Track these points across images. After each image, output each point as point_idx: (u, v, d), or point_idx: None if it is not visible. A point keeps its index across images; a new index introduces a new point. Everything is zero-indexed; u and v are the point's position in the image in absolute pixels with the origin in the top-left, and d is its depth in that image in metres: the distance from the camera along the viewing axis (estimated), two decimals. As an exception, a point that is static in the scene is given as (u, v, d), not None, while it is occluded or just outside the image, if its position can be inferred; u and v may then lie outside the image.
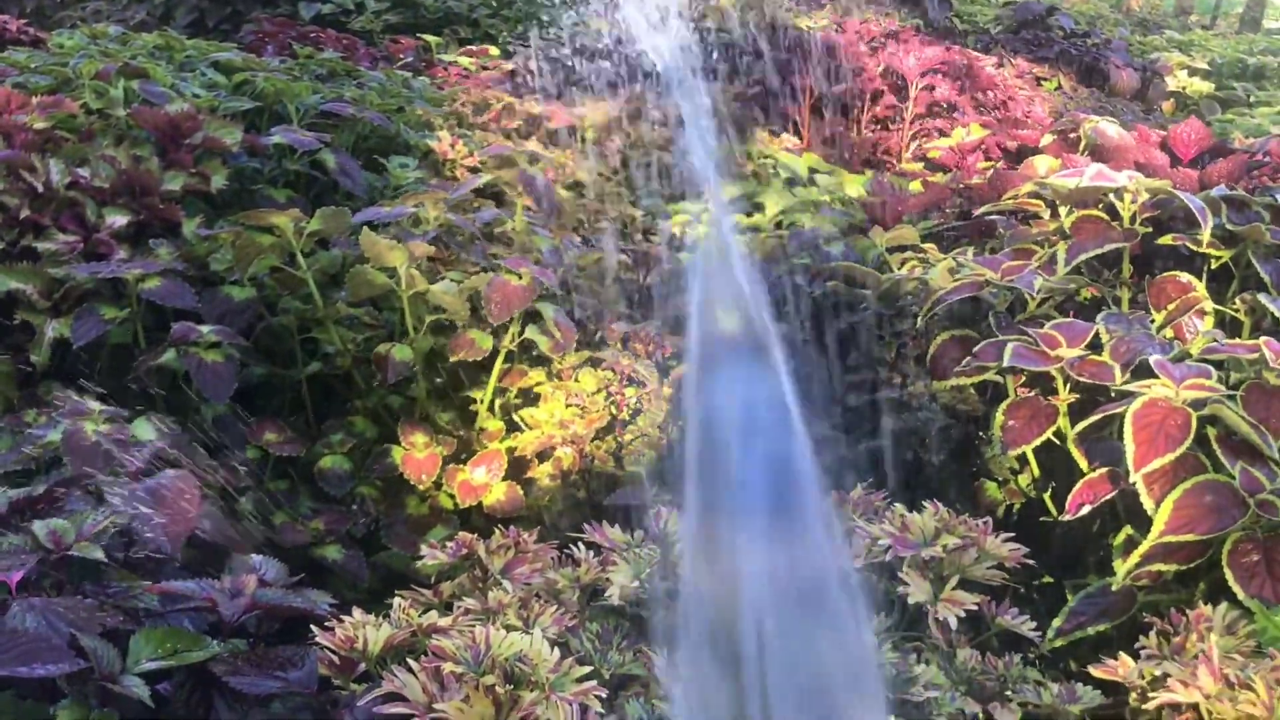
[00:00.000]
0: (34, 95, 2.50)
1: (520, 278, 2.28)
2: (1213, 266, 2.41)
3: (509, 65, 4.07)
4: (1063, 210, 2.49)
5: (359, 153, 2.91)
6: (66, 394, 2.11)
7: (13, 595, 1.38)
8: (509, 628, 1.39)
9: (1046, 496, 2.20)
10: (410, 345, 2.32)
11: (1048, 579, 2.16)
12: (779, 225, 3.06)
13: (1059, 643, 1.86)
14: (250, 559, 1.60)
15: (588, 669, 1.33)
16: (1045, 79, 4.64)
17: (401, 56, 4.08)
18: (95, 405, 1.86)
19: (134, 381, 2.21)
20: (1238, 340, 2.11)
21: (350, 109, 2.90)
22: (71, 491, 1.64)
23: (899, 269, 2.59)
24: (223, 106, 2.80)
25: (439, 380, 2.44)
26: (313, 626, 1.38)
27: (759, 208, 3.17)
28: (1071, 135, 3.25)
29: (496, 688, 1.24)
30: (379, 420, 2.38)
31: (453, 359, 2.33)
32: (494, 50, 4.29)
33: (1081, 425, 1.97)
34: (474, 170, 2.92)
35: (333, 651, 1.37)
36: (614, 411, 2.36)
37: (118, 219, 2.26)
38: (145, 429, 1.91)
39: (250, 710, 1.35)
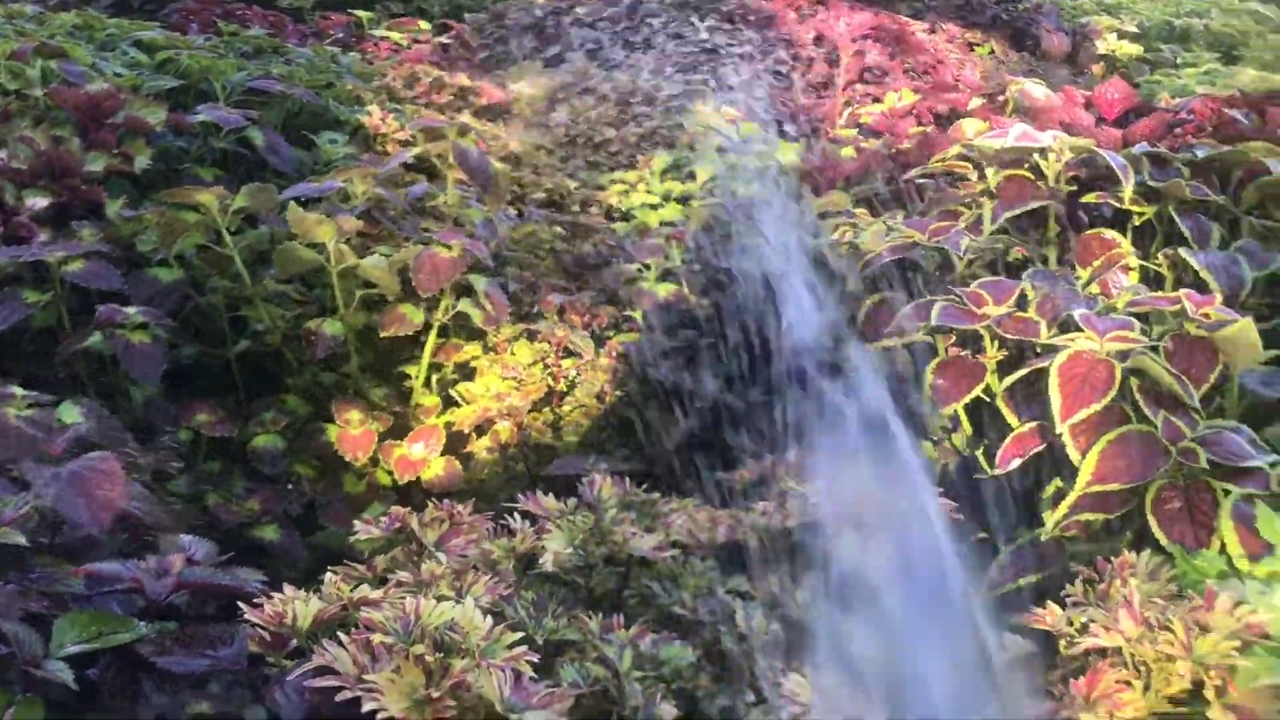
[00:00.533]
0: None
1: (450, 250, 2.27)
2: (1137, 223, 2.45)
3: (441, 39, 4.03)
4: (989, 171, 2.52)
5: (288, 130, 2.88)
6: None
7: (-69, 582, 1.36)
8: (441, 598, 1.39)
9: (979, 454, 2.23)
10: (341, 321, 2.30)
11: (983, 535, 2.19)
12: (712, 193, 3.07)
13: (990, 596, 1.90)
14: (180, 539, 1.58)
15: (520, 635, 1.33)
16: (977, 44, 4.67)
17: (332, 32, 4.03)
18: (18, 390, 1.83)
19: (61, 366, 2.18)
20: (1160, 293, 2.15)
21: (278, 86, 2.86)
22: (-8, 477, 1.61)
23: (831, 234, 2.60)
24: (146, 85, 2.75)
25: (372, 356, 2.43)
26: (240, 604, 1.37)
27: (692, 176, 3.17)
28: (999, 98, 3.28)
29: (426, 656, 1.24)
30: (312, 398, 2.36)
31: (384, 334, 2.31)
32: (424, 24, 4.25)
33: (1008, 380, 2.00)
34: (405, 144, 2.89)
35: (262, 628, 1.36)
36: (551, 383, 2.36)
37: (38, 201, 2.22)
38: (72, 413, 1.88)
39: (180, 690, 1.35)
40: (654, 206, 3.04)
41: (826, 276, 2.38)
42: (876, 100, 3.65)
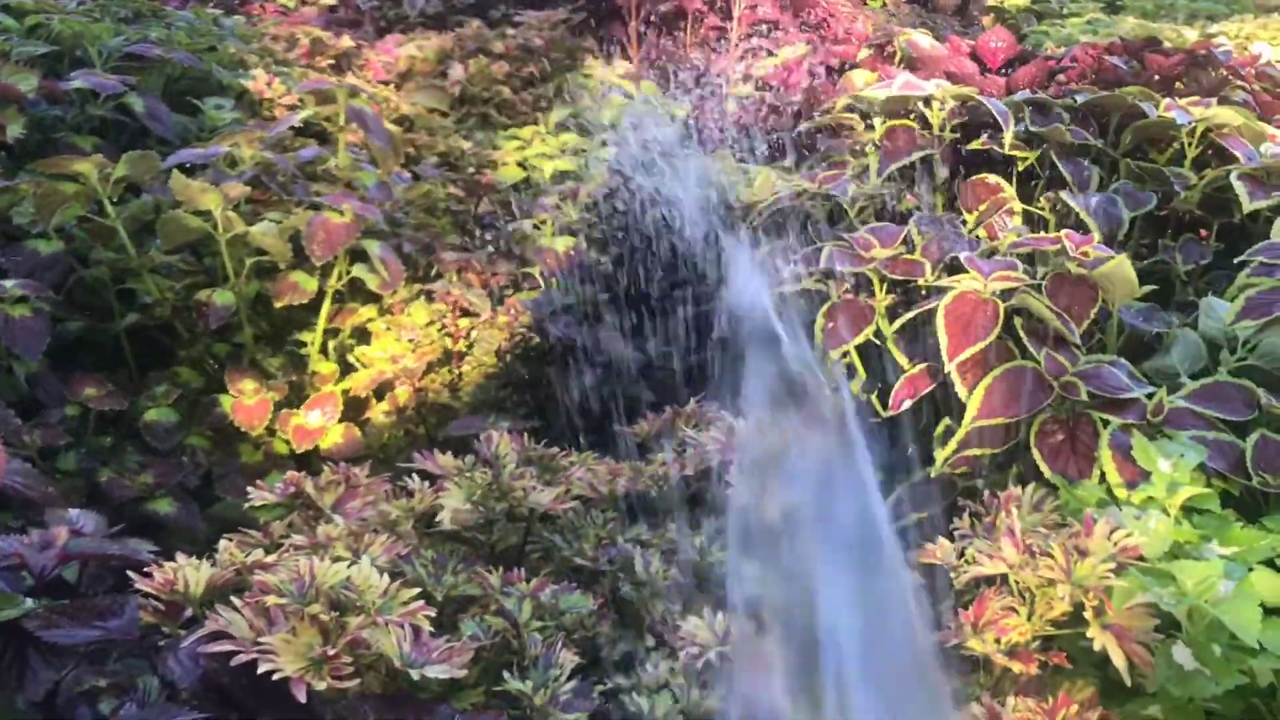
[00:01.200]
0: None
1: (343, 214, 2.24)
2: (1020, 168, 2.51)
3: (330, 1, 3.94)
4: (876, 121, 2.55)
5: (170, 95, 2.79)
6: None
7: None
8: (338, 559, 1.38)
9: (873, 397, 2.28)
10: (232, 290, 2.26)
11: (880, 477, 2.24)
12: (611, 144, 3.06)
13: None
14: (67, 513, 1.55)
15: (417, 591, 1.33)
16: (869, -3, 4.71)
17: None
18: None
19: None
20: (1042, 234, 2.21)
21: (157, 50, 2.77)
22: None
23: (723, 186, 2.62)
24: (15, 52, 2.64)
25: (266, 325, 2.39)
26: (130, 573, 1.35)
27: (588, 132, 3.16)
28: (887, 49, 3.32)
29: (322, 616, 1.24)
30: (205, 370, 2.32)
31: (278, 304, 2.28)
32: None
33: (898, 323, 2.05)
34: (293, 109, 2.83)
35: (154, 597, 1.34)
36: (448, 344, 2.35)
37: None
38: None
39: (67, 664, 1.32)
40: (550, 157, 3.02)
41: (723, 227, 2.40)
42: (770, 54, 3.67)
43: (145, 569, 1.38)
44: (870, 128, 2.62)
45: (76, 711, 1.27)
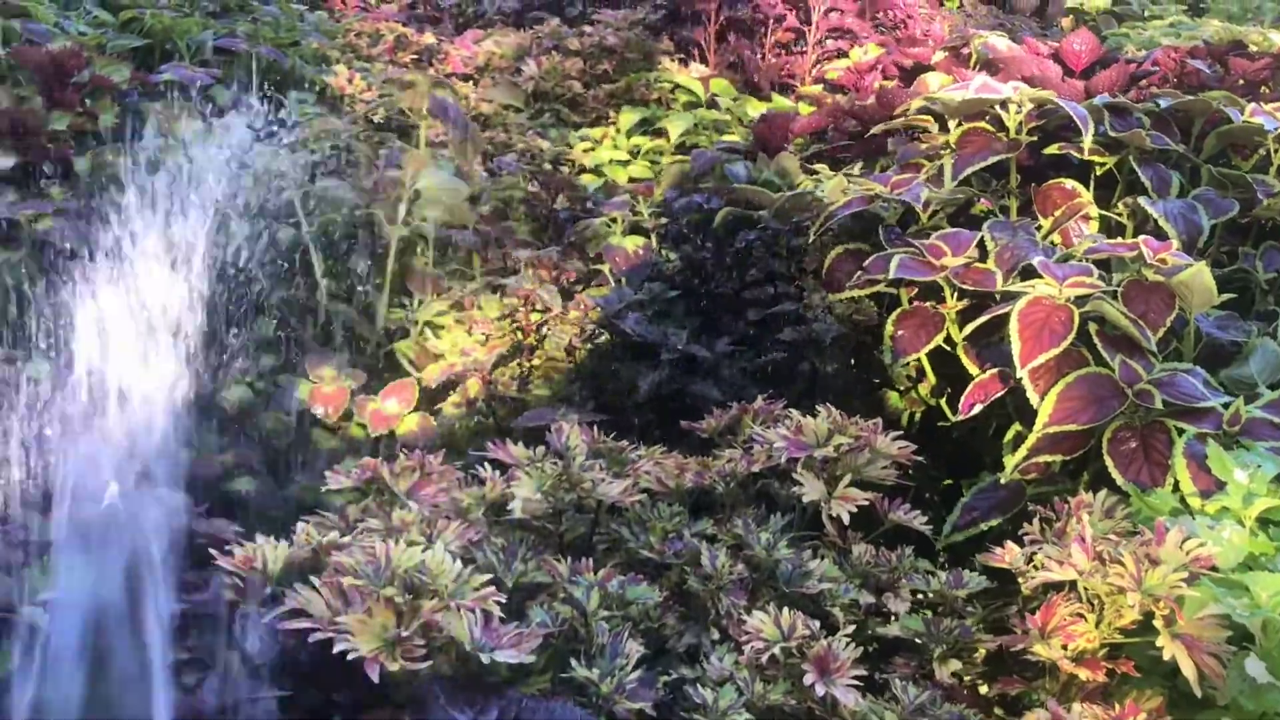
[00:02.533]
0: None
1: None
2: (1098, 173, 2.48)
3: (407, -1, 4.01)
4: (951, 124, 2.54)
5: (256, 88, 2.87)
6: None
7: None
8: (412, 544, 1.42)
9: (943, 402, 2.27)
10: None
11: (948, 481, 2.24)
12: (681, 148, 3.08)
13: (956, 538, 1.94)
14: (156, 490, 1.60)
15: (488, 577, 1.36)
16: (946, -1, 4.69)
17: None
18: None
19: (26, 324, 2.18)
20: (1119, 240, 2.19)
21: (243, 44, 2.85)
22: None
23: (796, 189, 2.62)
24: (111, 45, 2.74)
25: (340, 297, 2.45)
26: (212, 551, 1.40)
27: (661, 132, 3.18)
28: (963, 51, 3.30)
29: (396, 598, 1.27)
30: (283, 351, 2.38)
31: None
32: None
33: (969, 329, 2.04)
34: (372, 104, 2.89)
35: (234, 574, 1.39)
36: (519, 337, 2.38)
37: (3, 160, 2.22)
38: (40, 369, 1.90)
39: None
40: (623, 163, 3.05)
41: (789, 229, 2.41)
42: (845, 56, 3.66)
43: (227, 546, 1.43)
44: (944, 130, 2.61)
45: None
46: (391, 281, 2.39)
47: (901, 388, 2.37)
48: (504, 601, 1.34)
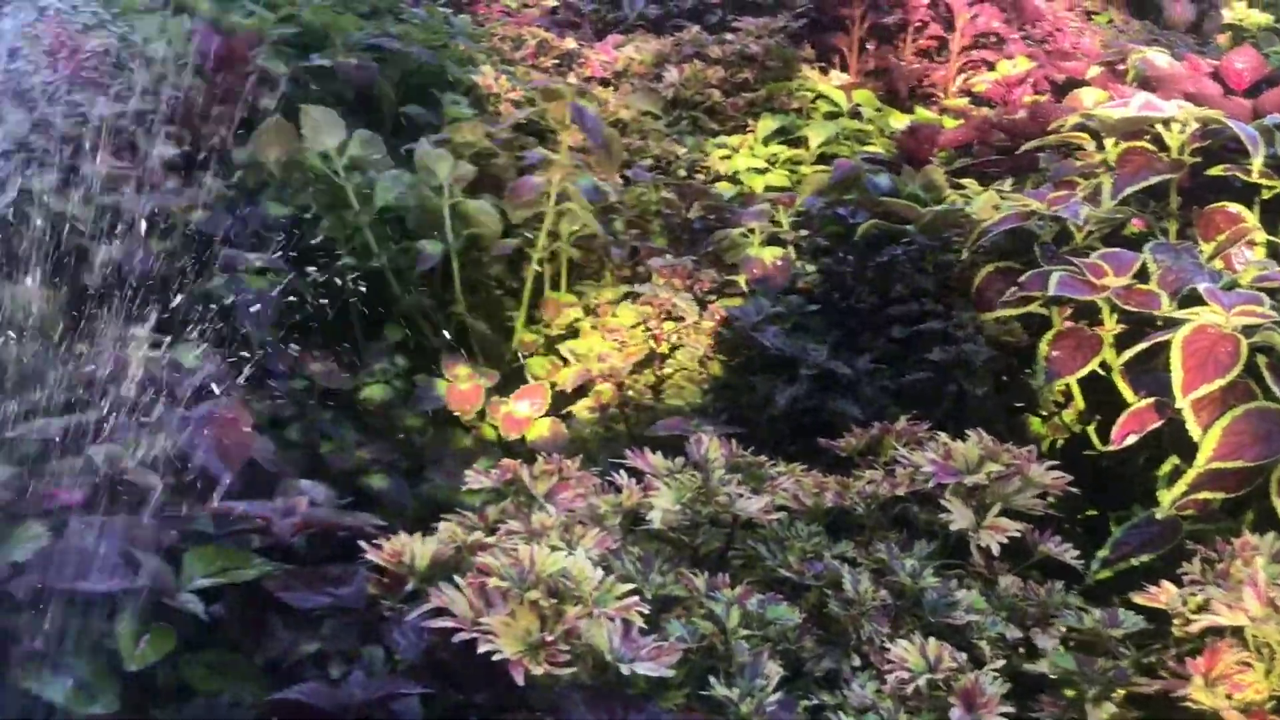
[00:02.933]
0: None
1: (541, 174, 2.32)
2: (1265, 197, 2.36)
3: (551, 2, 4.04)
4: (1108, 142, 2.45)
5: (404, 88, 2.92)
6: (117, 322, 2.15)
7: (73, 514, 1.42)
8: (554, 548, 1.41)
9: (1091, 429, 2.19)
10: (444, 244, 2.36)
11: (1092, 512, 2.15)
12: (820, 159, 3.04)
13: (1104, 574, 1.86)
14: (299, 483, 1.64)
15: (631, 586, 1.35)
16: (1096, 12, 4.53)
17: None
18: (139, 332, 1.89)
19: (182, 310, 2.24)
20: (1290, 269, 2.08)
21: (396, 43, 2.90)
22: (126, 418, 1.67)
23: (941, 203, 2.56)
24: (268, 34, 2.80)
25: (479, 311, 2.48)
26: (361, 544, 1.41)
27: (800, 141, 3.14)
28: (1119, 67, 3.18)
29: (541, 602, 1.26)
30: (418, 349, 2.41)
31: (488, 265, 2.36)
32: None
33: (1128, 354, 1.95)
34: (518, 105, 2.92)
35: (380, 570, 1.40)
36: (652, 346, 2.37)
37: (168, 149, 2.29)
38: (190, 357, 1.94)
39: (302, 628, 1.39)
40: (759, 171, 3.02)
41: (937, 244, 2.35)
42: (990, 67, 3.57)
43: (374, 540, 1.44)
44: (1101, 148, 2.51)
45: (304, 673, 1.34)
46: (530, 295, 2.40)
47: (1045, 412, 2.29)
48: (644, 613, 1.32)
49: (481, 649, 1.22)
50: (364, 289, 2.39)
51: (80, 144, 2.18)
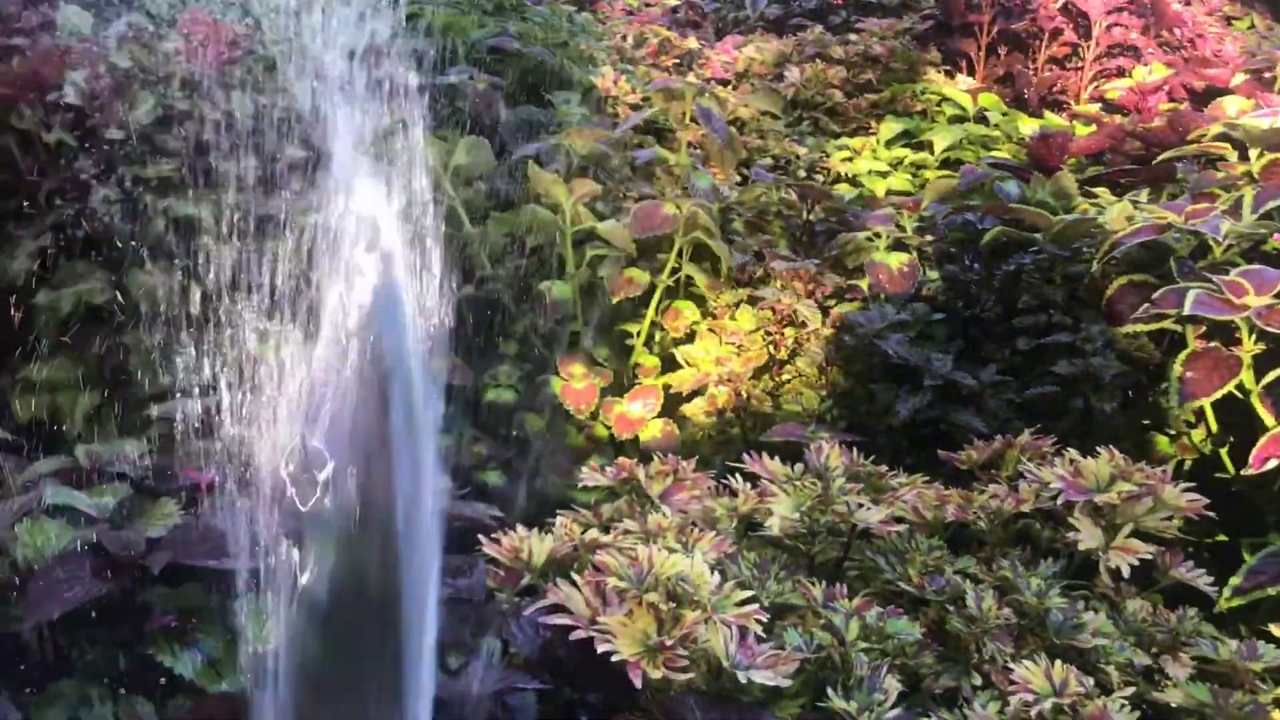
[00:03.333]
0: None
1: (674, 206, 2.29)
2: None
3: (673, 1, 4.04)
4: (1253, 153, 2.35)
5: (524, 88, 2.94)
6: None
7: (206, 495, 1.46)
8: (670, 550, 1.40)
9: (1224, 452, 2.10)
10: (570, 281, 2.35)
11: (1221, 537, 2.06)
12: (944, 163, 2.97)
13: (1236, 602, 1.78)
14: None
15: (748, 593, 1.34)
16: (1237, 18, 4.35)
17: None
18: (271, 326, 1.94)
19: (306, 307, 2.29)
20: None
21: (516, 44, 2.92)
22: (257, 403, 1.71)
23: (1072, 212, 2.48)
24: (393, 43, 2.85)
25: (595, 314, 2.47)
26: (480, 537, 1.42)
27: (923, 145, 3.08)
28: (1266, 75, 3.05)
29: (659, 605, 1.26)
30: (535, 352, 2.42)
31: (614, 299, 2.35)
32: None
33: (1270, 377, 1.87)
34: (636, 107, 2.92)
35: (498, 563, 1.41)
36: (772, 351, 2.34)
37: (296, 151, 2.33)
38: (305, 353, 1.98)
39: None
40: (882, 174, 2.97)
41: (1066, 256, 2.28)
42: (1124, 75, 3.46)
43: (492, 534, 1.45)
44: (1244, 160, 2.41)
45: (422, 661, 1.35)
46: (650, 319, 2.39)
47: (1174, 432, 2.21)
48: (763, 620, 1.30)
49: (600, 648, 1.22)
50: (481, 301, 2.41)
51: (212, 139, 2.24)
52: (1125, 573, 1.56)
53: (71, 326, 2.03)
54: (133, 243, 2.00)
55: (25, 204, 2.06)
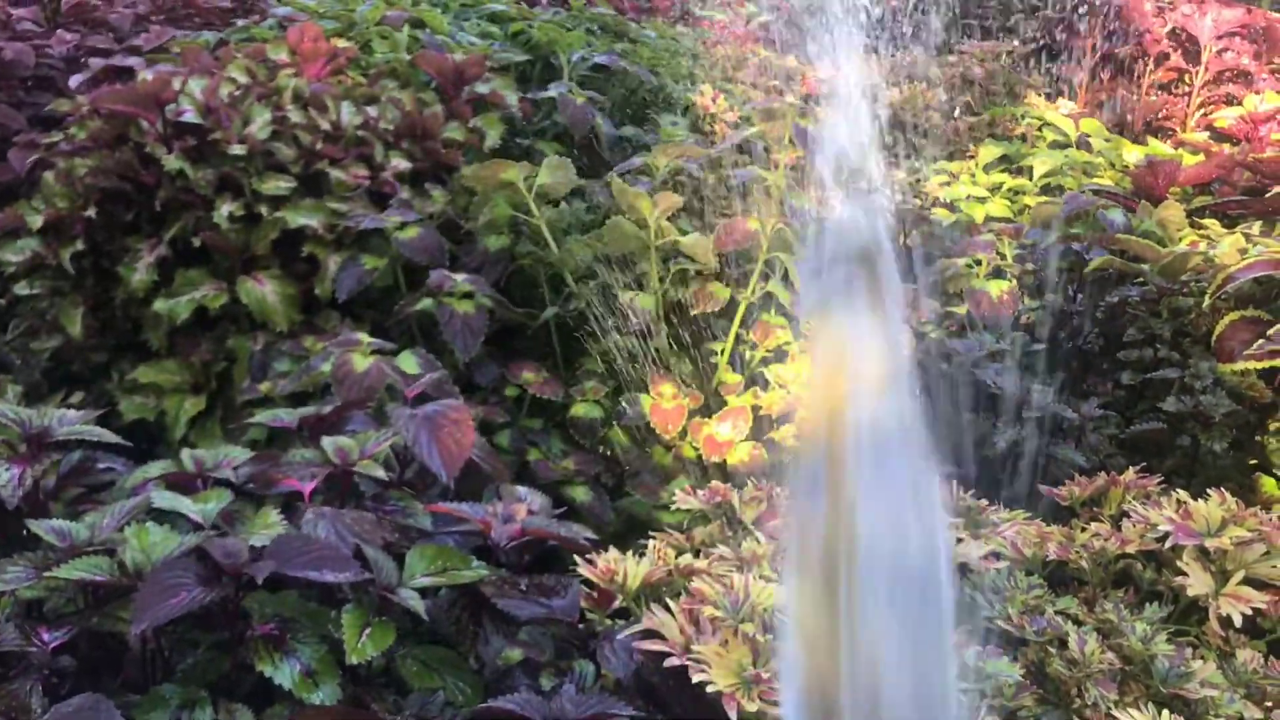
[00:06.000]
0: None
1: (754, 221, 2.27)
2: None
3: (765, 18, 4.02)
4: (1379, 186, 2.26)
5: (627, 105, 2.95)
6: (342, 324, 2.25)
7: (306, 504, 1.48)
8: (764, 579, 1.39)
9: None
10: (654, 295, 2.34)
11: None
12: (1044, 189, 2.91)
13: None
14: (515, 489, 1.66)
15: (846, 628, 1.31)
16: (1353, 45, 4.21)
17: (668, 10, 4.09)
18: (364, 338, 1.96)
19: (396, 323, 2.32)
20: None
21: (621, 63, 2.93)
22: (354, 413, 1.74)
23: (1180, 243, 2.41)
24: (495, 56, 2.88)
25: (681, 330, 2.46)
26: (576, 557, 1.42)
27: (1022, 170, 3.02)
28: (1391, 105, 2.94)
29: (756, 636, 1.24)
30: (622, 368, 2.41)
31: (694, 312, 2.34)
32: (751, 7, 4.25)
33: (1394, 420, 1.79)
34: (734, 126, 2.91)
35: (591, 585, 1.40)
36: (864, 374, 2.31)
37: (400, 162, 2.37)
38: (410, 362, 2.00)
39: (510, 634, 1.40)
40: (980, 200, 2.92)
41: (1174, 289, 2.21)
42: (1234, 102, 3.36)
43: (587, 555, 1.45)
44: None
45: (514, 681, 1.35)
46: (734, 337, 2.37)
47: (1283, 475, 2.13)
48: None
49: (695, 678, 1.21)
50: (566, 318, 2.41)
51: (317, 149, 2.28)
52: (1237, 621, 1.50)
53: (179, 332, 2.07)
54: (244, 252, 2.04)
55: (143, 215, 2.12)
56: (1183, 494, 1.64)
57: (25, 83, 2.78)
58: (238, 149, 2.09)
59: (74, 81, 2.66)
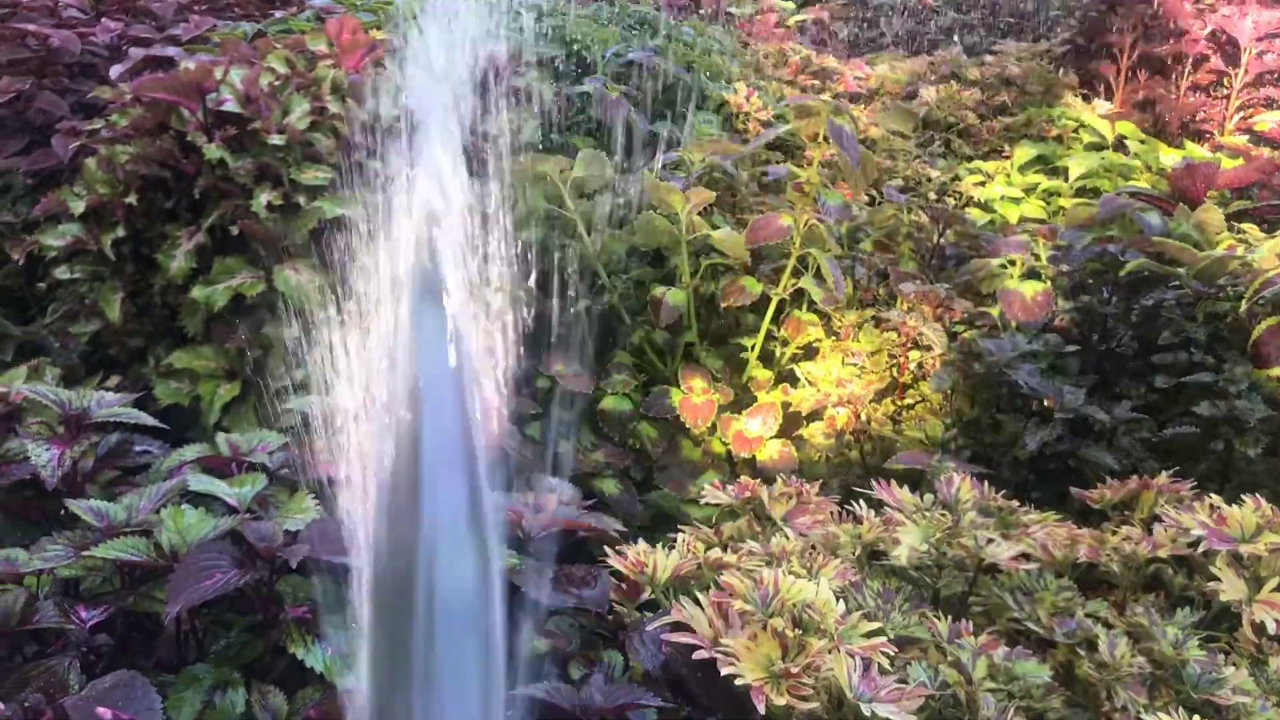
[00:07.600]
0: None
1: (787, 217, 2.27)
2: None
3: (803, 17, 4.02)
4: None
5: (660, 101, 2.95)
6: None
7: (339, 490, 1.49)
8: (794, 575, 1.39)
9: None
10: (685, 290, 2.35)
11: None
12: (1079, 191, 2.89)
13: None
14: (546, 479, 1.67)
15: (875, 625, 1.31)
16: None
17: (703, 9, 4.09)
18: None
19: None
20: None
21: (655, 59, 2.93)
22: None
23: (1217, 247, 2.39)
24: (531, 50, 2.89)
25: (712, 325, 2.47)
26: (607, 549, 1.42)
27: (1058, 171, 3.00)
28: None
29: (786, 631, 1.24)
30: (651, 361, 2.42)
31: (724, 305, 2.34)
32: (788, 4, 4.24)
33: None
34: (767, 124, 2.91)
35: (619, 577, 1.41)
36: (895, 374, 2.31)
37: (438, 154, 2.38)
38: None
39: (538, 622, 1.41)
40: (1015, 200, 2.90)
41: (1210, 293, 2.19)
42: (1274, 106, 3.32)
43: (617, 547, 1.45)
44: None
45: (543, 669, 1.36)
46: (766, 324, 2.37)
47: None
48: (890, 653, 1.28)
49: (724, 671, 1.21)
50: (597, 312, 2.42)
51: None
52: (1271, 628, 1.49)
53: (216, 318, 2.10)
54: (282, 241, 2.06)
55: (183, 203, 2.14)
56: (1216, 499, 1.63)
57: (70, 69, 2.81)
58: (277, 139, 2.11)
59: (114, 71, 2.68)
